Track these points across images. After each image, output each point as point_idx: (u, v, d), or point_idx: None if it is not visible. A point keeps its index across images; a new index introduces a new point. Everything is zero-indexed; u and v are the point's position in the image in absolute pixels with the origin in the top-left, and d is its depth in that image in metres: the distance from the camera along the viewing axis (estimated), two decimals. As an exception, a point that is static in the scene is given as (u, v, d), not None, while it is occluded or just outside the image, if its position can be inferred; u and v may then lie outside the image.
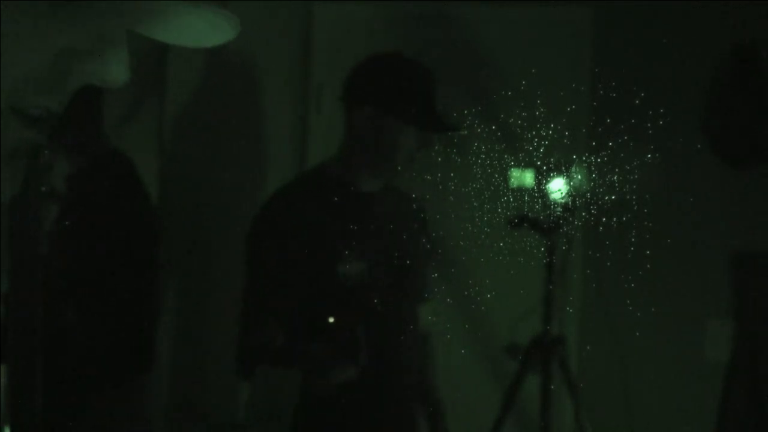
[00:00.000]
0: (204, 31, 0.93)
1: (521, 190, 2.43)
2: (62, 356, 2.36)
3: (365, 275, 2.11)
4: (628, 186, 2.47)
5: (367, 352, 2.02)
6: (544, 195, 2.41)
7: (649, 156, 2.47)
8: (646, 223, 2.55)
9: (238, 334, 2.17)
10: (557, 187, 2.40)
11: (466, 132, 2.32)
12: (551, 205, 2.41)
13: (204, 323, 2.89)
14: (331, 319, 2.00)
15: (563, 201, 2.40)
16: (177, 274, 2.90)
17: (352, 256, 2.10)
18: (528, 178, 2.42)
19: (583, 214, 2.54)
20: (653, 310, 2.71)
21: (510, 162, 2.47)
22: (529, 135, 2.48)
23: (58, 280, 2.36)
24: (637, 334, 2.75)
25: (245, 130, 2.92)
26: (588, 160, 2.48)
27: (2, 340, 1.82)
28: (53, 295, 2.32)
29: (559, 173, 2.40)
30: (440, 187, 2.50)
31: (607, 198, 2.47)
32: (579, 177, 2.42)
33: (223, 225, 2.88)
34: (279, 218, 2.16)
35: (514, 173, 2.43)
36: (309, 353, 2.04)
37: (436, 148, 2.29)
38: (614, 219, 2.54)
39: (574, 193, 2.41)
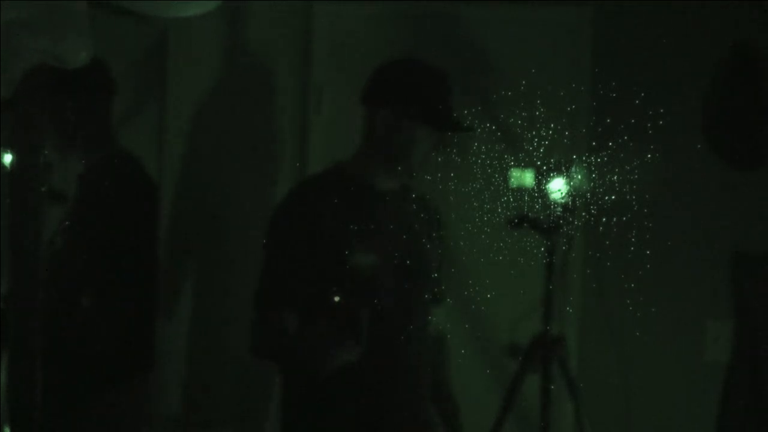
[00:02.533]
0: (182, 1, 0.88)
1: (521, 190, 2.43)
2: (65, 355, 2.37)
3: (375, 269, 2.16)
4: (628, 186, 2.47)
5: (368, 335, 2.04)
6: (544, 195, 2.41)
7: (649, 156, 2.47)
8: (646, 223, 2.55)
9: (254, 316, 2.21)
10: (557, 187, 2.40)
11: (478, 133, 2.34)
12: (551, 205, 2.41)
13: (202, 321, 2.89)
14: (337, 298, 2.05)
15: (563, 201, 2.40)
16: (175, 273, 2.90)
17: (364, 250, 2.15)
18: (528, 178, 2.42)
19: (583, 214, 2.54)
20: (653, 310, 2.71)
21: (510, 162, 2.47)
22: (529, 135, 2.48)
23: (66, 276, 2.37)
24: (637, 334, 2.75)
25: (245, 129, 2.92)
26: (588, 160, 2.48)
27: (2, 339, 1.82)
28: (59, 293, 2.34)
29: (559, 173, 2.40)
30: (440, 187, 2.50)
31: (607, 198, 2.47)
32: (579, 177, 2.42)
33: (223, 225, 2.88)
34: (298, 210, 2.21)
35: (514, 173, 2.43)
36: (312, 333, 2.07)
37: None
38: (614, 219, 2.54)
39: (574, 193, 2.41)
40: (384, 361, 2.17)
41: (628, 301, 2.70)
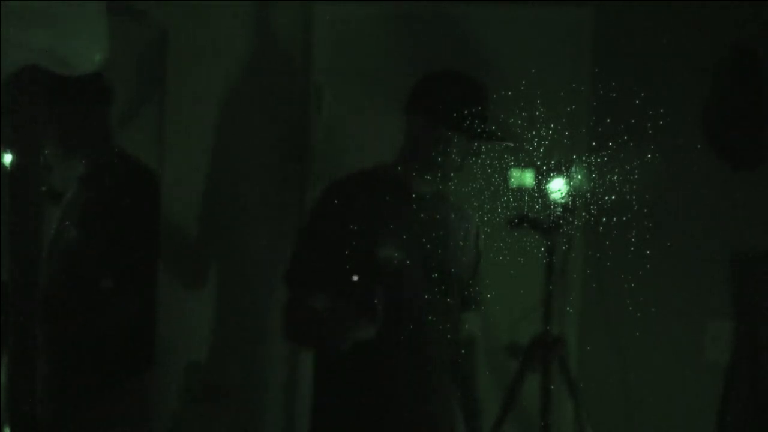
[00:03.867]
0: None
1: (521, 190, 2.44)
2: (66, 356, 2.37)
3: (401, 263, 2.30)
4: (628, 186, 2.47)
5: (383, 315, 2.15)
6: (544, 195, 2.41)
7: (649, 156, 2.47)
8: (646, 223, 2.55)
9: (287, 297, 2.37)
10: (557, 187, 2.40)
11: (514, 144, 2.42)
12: (551, 205, 2.41)
13: (202, 322, 2.89)
14: (355, 277, 2.18)
15: (563, 201, 2.40)
16: (175, 272, 2.90)
17: (393, 244, 2.31)
18: (528, 178, 2.42)
19: (583, 214, 2.54)
20: (653, 310, 2.71)
21: (510, 162, 2.47)
22: (529, 135, 2.48)
23: (68, 276, 2.38)
24: (637, 334, 2.75)
25: (245, 129, 2.92)
26: (588, 160, 2.48)
27: (2, 339, 1.82)
28: (61, 292, 2.35)
29: (559, 173, 2.40)
30: (440, 187, 2.50)
31: (607, 198, 2.47)
32: (579, 177, 2.42)
33: (222, 225, 2.88)
34: (338, 201, 2.36)
35: (514, 173, 2.44)
36: (331, 310, 2.20)
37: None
38: (614, 219, 2.54)
39: (574, 193, 2.41)
40: (405, 357, 2.31)
41: (628, 301, 2.70)
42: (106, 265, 2.43)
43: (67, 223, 2.45)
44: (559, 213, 2.41)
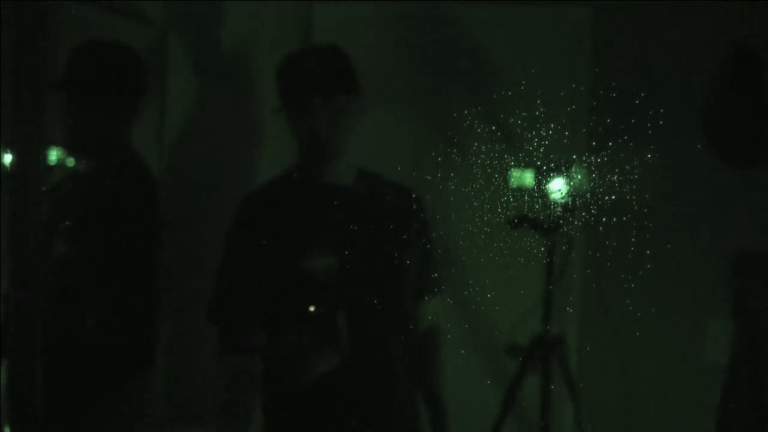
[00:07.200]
0: None
1: (521, 190, 2.44)
2: (66, 355, 2.37)
3: (334, 269, 2.06)
4: (628, 186, 2.47)
5: (348, 341, 1.97)
6: (544, 195, 2.41)
7: (649, 156, 2.48)
8: (646, 223, 2.55)
9: (218, 326, 2.17)
10: (557, 187, 2.40)
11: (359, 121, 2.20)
12: (551, 205, 2.41)
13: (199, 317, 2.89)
14: (312, 308, 1.97)
15: (563, 201, 2.41)
16: (176, 275, 2.90)
17: (318, 251, 2.06)
18: (528, 178, 2.42)
19: (583, 214, 2.54)
20: (653, 310, 2.71)
21: (510, 162, 2.47)
22: (529, 135, 2.48)
23: (69, 275, 2.38)
24: (637, 334, 2.75)
25: (245, 130, 2.92)
26: (588, 160, 2.48)
27: (2, 340, 1.82)
28: (63, 292, 2.34)
29: (559, 173, 2.41)
30: (440, 187, 2.50)
31: (607, 198, 2.47)
32: (579, 177, 2.42)
33: (222, 224, 2.88)
34: (247, 218, 2.15)
35: (514, 173, 2.43)
36: (289, 343, 2.00)
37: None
38: (614, 219, 2.54)
39: (574, 193, 2.41)
40: (355, 363, 2.05)
41: (628, 301, 2.70)
42: (105, 267, 2.42)
43: (67, 223, 2.45)
44: (559, 213, 2.41)
